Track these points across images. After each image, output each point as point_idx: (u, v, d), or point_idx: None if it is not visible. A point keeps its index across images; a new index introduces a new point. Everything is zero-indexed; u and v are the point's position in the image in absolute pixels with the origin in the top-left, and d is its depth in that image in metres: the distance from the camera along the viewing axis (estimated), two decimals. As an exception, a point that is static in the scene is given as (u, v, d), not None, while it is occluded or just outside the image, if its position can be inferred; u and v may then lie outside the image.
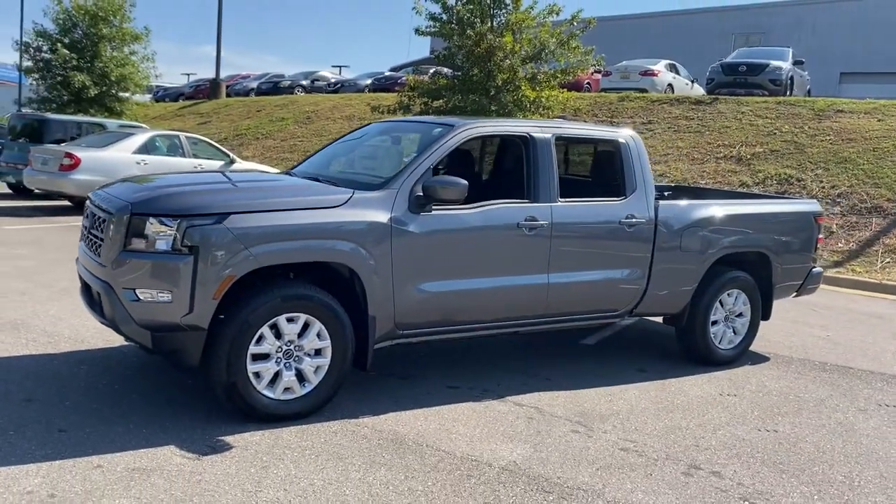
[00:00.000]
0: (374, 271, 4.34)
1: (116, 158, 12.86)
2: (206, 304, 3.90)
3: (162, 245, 3.91)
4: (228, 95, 30.55)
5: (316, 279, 4.38)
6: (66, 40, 23.18)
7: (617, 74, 21.90)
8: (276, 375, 4.15)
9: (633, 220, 5.38)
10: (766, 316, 6.32)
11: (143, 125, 18.32)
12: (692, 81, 23.53)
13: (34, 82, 24.41)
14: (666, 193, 7.05)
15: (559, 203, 5.08)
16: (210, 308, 3.92)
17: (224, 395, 4.06)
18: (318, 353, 4.27)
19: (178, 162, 13.46)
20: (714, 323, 5.95)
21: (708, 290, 5.83)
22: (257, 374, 4.08)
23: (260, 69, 42.46)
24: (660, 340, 6.63)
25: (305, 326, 4.20)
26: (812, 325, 7.74)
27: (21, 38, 24.71)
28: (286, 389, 4.18)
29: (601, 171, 6.04)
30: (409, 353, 5.61)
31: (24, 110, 24.14)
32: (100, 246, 4.22)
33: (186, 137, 14.58)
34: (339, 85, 28.91)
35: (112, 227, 4.05)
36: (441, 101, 15.08)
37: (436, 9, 15.09)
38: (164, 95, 35.01)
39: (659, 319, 6.37)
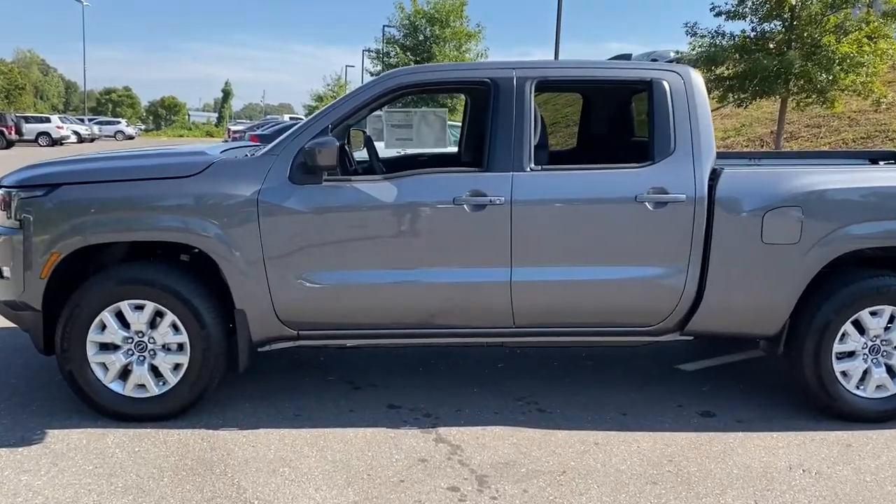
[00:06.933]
0: (234, 255, 3.59)
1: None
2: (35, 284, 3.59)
3: None
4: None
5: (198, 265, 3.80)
6: (409, 44, 25.35)
7: None
8: (126, 369, 3.68)
9: (663, 195, 3.69)
10: (962, 353, 3.91)
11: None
12: None
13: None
14: (882, 163, 4.81)
15: (527, 172, 3.69)
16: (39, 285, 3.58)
17: (68, 385, 3.71)
18: (180, 347, 3.68)
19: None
20: (845, 356, 3.86)
21: (825, 304, 3.78)
22: (104, 366, 3.66)
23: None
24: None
25: (160, 316, 3.65)
26: None
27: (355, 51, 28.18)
28: (138, 386, 3.68)
29: (623, 127, 4.29)
30: (395, 363, 4.69)
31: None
32: None
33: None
34: (671, 62, 26.98)
35: None
36: (723, 66, 12.83)
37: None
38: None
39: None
